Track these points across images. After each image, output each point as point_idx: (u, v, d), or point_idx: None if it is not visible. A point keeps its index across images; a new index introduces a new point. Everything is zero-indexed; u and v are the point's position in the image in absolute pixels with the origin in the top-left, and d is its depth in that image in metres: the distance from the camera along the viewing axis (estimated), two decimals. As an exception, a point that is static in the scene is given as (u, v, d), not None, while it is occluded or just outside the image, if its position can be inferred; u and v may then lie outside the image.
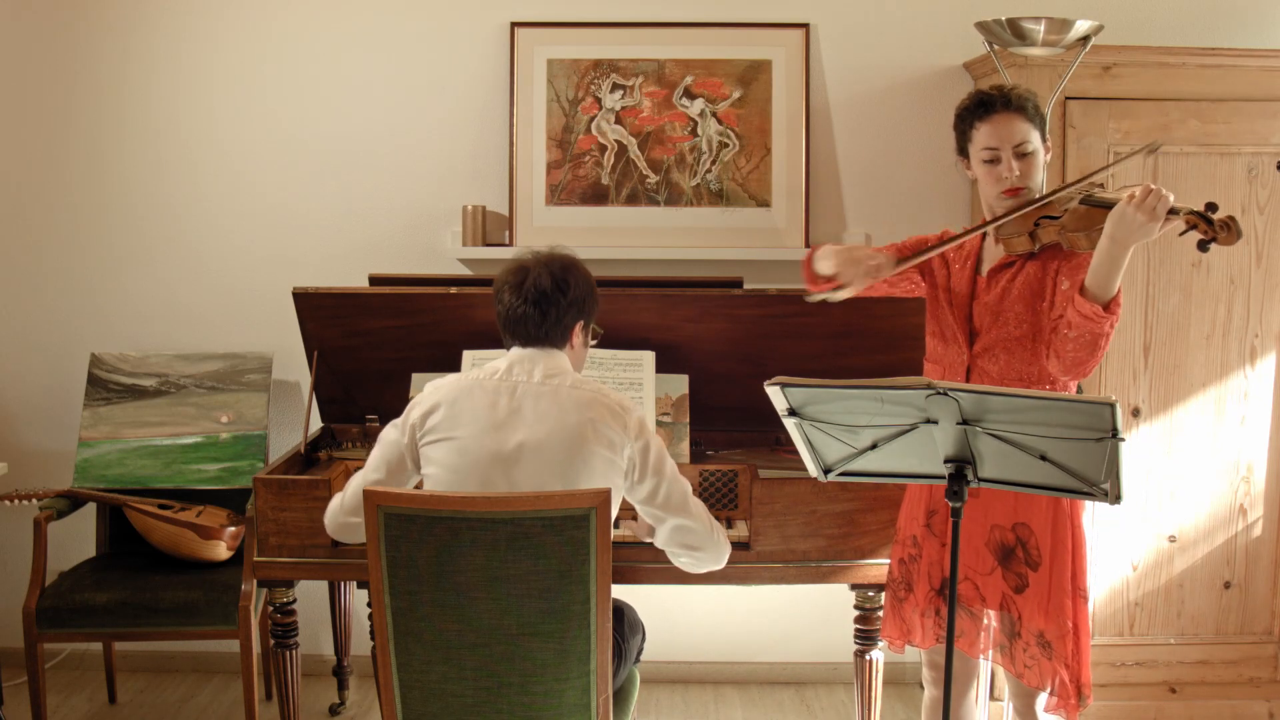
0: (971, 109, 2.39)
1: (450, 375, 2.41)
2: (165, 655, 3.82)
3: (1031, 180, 2.34)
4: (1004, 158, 2.33)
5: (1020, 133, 2.33)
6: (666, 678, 3.79)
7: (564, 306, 2.34)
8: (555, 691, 2.17)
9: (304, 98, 3.62)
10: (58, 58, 3.61)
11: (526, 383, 2.31)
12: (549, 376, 2.32)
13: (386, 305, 3.06)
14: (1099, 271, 2.15)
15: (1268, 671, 3.37)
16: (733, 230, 3.59)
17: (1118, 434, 1.86)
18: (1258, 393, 3.28)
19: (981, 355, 2.38)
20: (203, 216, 3.67)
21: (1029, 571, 2.33)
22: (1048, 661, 2.31)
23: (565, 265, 2.38)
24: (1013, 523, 2.35)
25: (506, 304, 2.35)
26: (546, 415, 2.28)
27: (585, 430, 2.27)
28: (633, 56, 3.58)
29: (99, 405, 3.48)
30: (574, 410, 2.28)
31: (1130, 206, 2.09)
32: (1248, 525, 3.32)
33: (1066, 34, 2.98)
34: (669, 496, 2.36)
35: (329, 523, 2.46)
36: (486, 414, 2.28)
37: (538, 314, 2.33)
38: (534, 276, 2.34)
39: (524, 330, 2.35)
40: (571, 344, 2.40)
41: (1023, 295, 2.33)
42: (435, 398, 2.34)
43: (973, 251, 2.46)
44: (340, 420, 3.28)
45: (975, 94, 2.41)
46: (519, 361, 2.35)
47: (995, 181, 2.35)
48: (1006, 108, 2.34)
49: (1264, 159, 3.21)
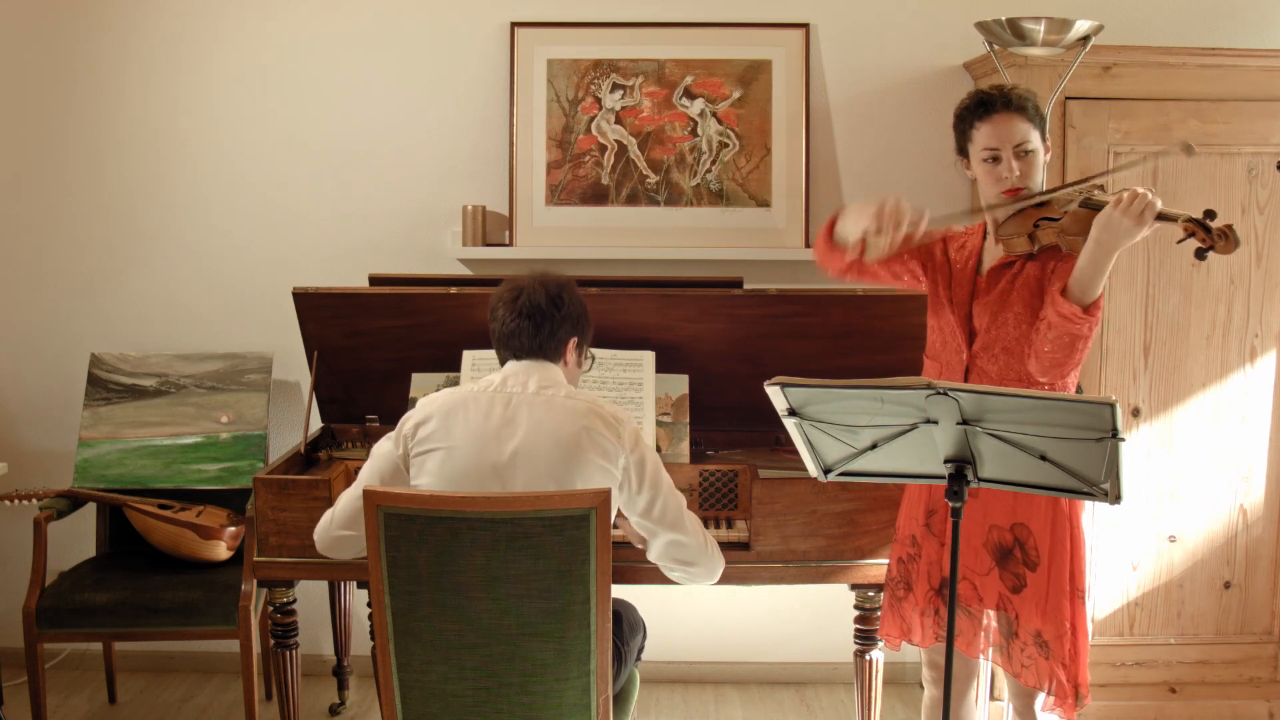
0: (971, 109, 2.38)
1: (444, 390, 2.42)
2: (165, 655, 3.82)
3: (1031, 180, 2.34)
4: (1004, 157, 2.33)
5: (1020, 133, 2.32)
6: (666, 678, 3.79)
7: (558, 320, 2.37)
8: (555, 691, 2.17)
9: (304, 98, 3.62)
10: (57, 57, 3.61)
11: (521, 393, 2.32)
12: (544, 387, 2.33)
13: (386, 305, 3.06)
14: (1083, 273, 2.16)
15: (1268, 671, 3.37)
16: (733, 230, 3.59)
17: (1118, 434, 1.86)
18: (1258, 393, 3.28)
19: (980, 355, 2.37)
20: (203, 216, 3.67)
21: (1027, 572, 2.33)
22: (1045, 661, 2.31)
23: (560, 284, 2.41)
24: (1011, 523, 2.35)
25: (501, 319, 2.38)
26: (541, 424, 2.28)
27: (580, 439, 2.27)
28: (633, 56, 3.58)
29: (99, 405, 3.48)
30: (569, 419, 2.28)
31: (1116, 211, 2.09)
32: (1248, 525, 3.32)
33: (1066, 34, 2.98)
34: (664, 510, 2.36)
35: (320, 539, 2.44)
36: (480, 424, 2.29)
37: (531, 327, 2.35)
38: (529, 293, 2.37)
39: (518, 343, 2.37)
40: (565, 360, 2.42)
41: (1022, 296, 2.33)
42: (427, 409, 2.34)
43: (974, 250, 2.46)
44: (340, 420, 3.28)
45: (975, 94, 2.41)
46: (514, 374, 2.36)
47: (995, 181, 2.35)
48: (1007, 108, 2.33)
49: (1264, 159, 3.21)
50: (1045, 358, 2.23)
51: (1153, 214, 2.08)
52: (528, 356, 2.38)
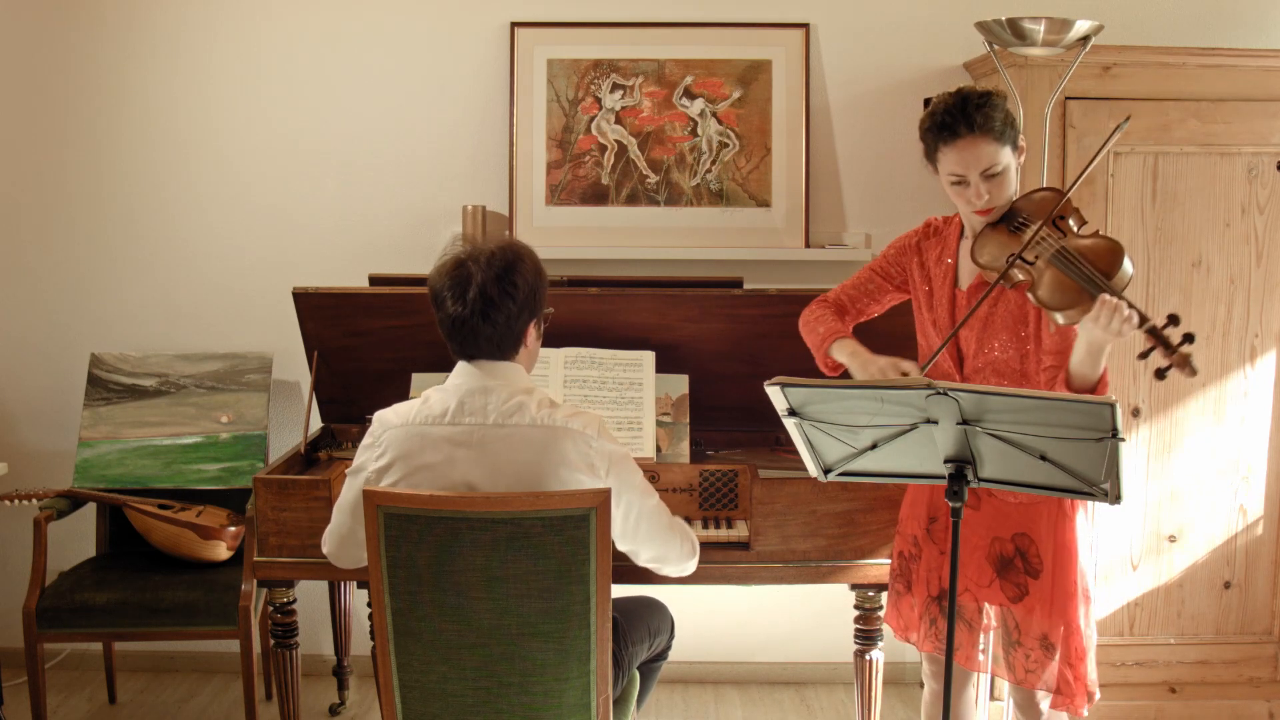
0: (935, 130, 2.25)
1: (397, 411, 2.22)
2: (165, 655, 3.82)
3: (1002, 198, 2.27)
4: (972, 181, 2.24)
5: (987, 157, 2.21)
6: (666, 678, 3.78)
7: (514, 311, 2.16)
8: (555, 691, 2.17)
9: (304, 98, 3.62)
10: (56, 57, 3.61)
11: (481, 425, 2.16)
12: (506, 414, 2.16)
13: (386, 305, 3.06)
14: (1081, 366, 2.13)
15: (1268, 671, 3.37)
16: (733, 230, 3.59)
17: (1118, 434, 1.86)
18: (1258, 393, 3.28)
19: (973, 378, 2.36)
20: (203, 216, 3.67)
21: (1028, 580, 2.32)
22: (1051, 661, 2.30)
23: (508, 262, 2.16)
24: (1013, 534, 2.34)
25: (450, 311, 2.16)
26: (505, 469, 2.15)
27: (549, 483, 2.16)
28: (633, 56, 3.58)
29: (99, 405, 3.48)
30: (538, 458, 2.15)
31: (1098, 328, 2.05)
32: (1248, 525, 3.32)
33: (1066, 34, 2.98)
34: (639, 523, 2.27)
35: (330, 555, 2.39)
36: (444, 472, 2.16)
37: (486, 325, 2.15)
38: (478, 280, 2.13)
39: (473, 343, 2.18)
40: (525, 344, 2.24)
41: (1006, 324, 2.31)
42: (390, 453, 2.19)
43: (950, 268, 2.41)
44: (340, 420, 3.28)
45: (936, 112, 2.26)
46: (470, 394, 2.18)
47: (964, 203, 2.30)
48: (971, 130, 2.19)
49: (1264, 159, 3.21)
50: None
51: (1131, 328, 2.05)
52: (483, 359, 2.20)
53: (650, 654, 2.71)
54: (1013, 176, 2.28)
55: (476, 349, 2.20)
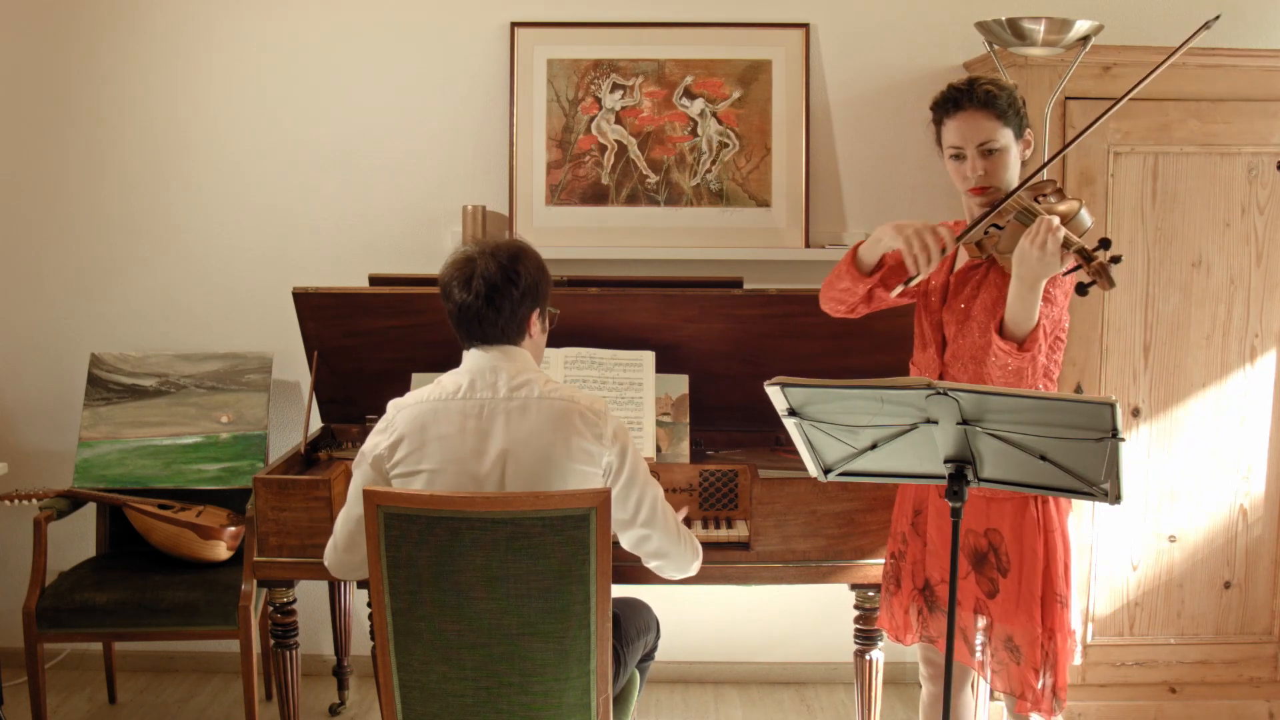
0: (940, 104, 2.32)
1: (411, 394, 2.32)
2: (165, 655, 3.82)
3: (997, 179, 2.27)
4: (968, 155, 2.26)
5: (985, 131, 2.25)
6: (666, 678, 3.79)
7: (517, 298, 2.26)
8: (555, 691, 2.17)
9: (304, 98, 3.62)
10: (56, 57, 3.61)
11: (493, 399, 2.25)
12: (515, 388, 2.25)
13: (386, 305, 3.06)
14: (1011, 308, 2.13)
15: (1268, 671, 3.37)
16: (733, 230, 3.59)
17: (1118, 434, 1.85)
18: (1258, 393, 3.28)
19: (951, 364, 2.35)
20: (203, 216, 3.67)
21: (999, 577, 2.31)
22: (1015, 666, 2.28)
23: (512, 254, 2.28)
24: (984, 528, 2.33)
25: (457, 300, 2.27)
26: (517, 436, 2.22)
27: (559, 449, 2.22)
28: (633, 56, 3.58)
29: (99, 405, 3.49)
30: (547, 425, 2.23)
31: (1026, 242, 2.06)
32: (1248, 525, 3.32)
33: (1066, 34, 2.98)
34: (640, 505, 2.32)
35: (330, 566, 2.41)
36: (456, 443, 2.23)
37: (491, 311, 2.25)
38: (482, 268, 2.25)
39: (479, 330, 2.28)
40: (530, 334, 2.33)
41: (984, 305, 2.29)
42: (400, 429, 2.27)
43: (949, 257, 2.40)
44: (340, 420, 3.28)
45: (946, 88, 2.34)
46: (480, 373, 2.28)
47: (960, 179, 2.31)
48: (972, 104, 2.25)
49: (1264, 159, 3.21)
50: (999, 382, 2.18)
51: (1057, 244, 2.04)
52: (490, 343, 2.30)
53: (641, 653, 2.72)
54: (1012, 161, 2.29)
55: (484, 335, 2.29)
